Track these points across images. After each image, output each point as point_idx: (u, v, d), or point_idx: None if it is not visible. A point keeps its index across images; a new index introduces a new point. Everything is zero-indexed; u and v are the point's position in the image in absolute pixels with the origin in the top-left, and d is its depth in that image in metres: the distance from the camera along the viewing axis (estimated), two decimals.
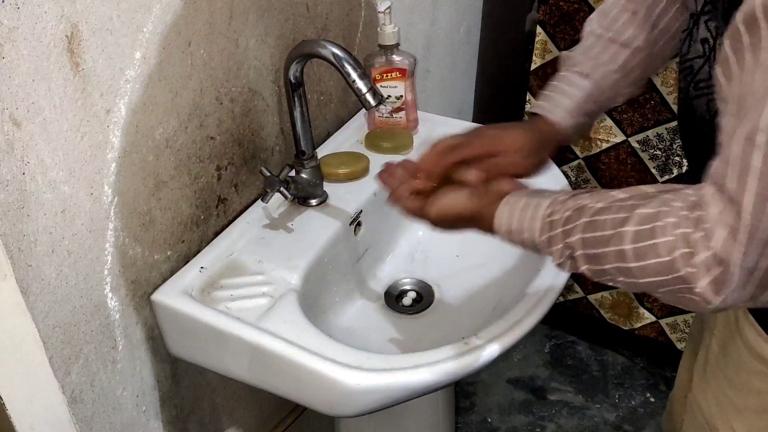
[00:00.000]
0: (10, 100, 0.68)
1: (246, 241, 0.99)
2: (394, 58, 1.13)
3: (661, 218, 0.57)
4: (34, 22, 0.68)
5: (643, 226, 0.58)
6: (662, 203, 0.58)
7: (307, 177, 1.02)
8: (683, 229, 0.56)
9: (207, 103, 0.93)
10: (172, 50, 0.85)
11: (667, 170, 1.52)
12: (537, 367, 1.85)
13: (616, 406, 1.75)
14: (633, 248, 0.59)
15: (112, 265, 0.86)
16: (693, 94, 0.72)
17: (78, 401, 0.87)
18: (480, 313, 1.02)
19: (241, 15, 0.94)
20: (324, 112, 1.19)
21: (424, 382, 0.81)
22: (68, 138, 0.75)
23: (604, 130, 1.55)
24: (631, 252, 0.59)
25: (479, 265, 1.11)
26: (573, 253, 0.65)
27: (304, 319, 0.87)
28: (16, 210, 0.71)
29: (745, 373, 0.77)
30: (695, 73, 0.71)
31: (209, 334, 0.88)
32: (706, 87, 0.70)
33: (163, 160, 0.88)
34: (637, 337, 1.77)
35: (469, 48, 1.66)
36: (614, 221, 0.61)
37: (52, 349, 0.80)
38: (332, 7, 1.12)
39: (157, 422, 1.01)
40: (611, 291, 1.74)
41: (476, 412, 1.75)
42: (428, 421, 1.26)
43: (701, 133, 0.73)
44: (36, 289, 0.77)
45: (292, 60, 0.92)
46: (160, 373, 0.99)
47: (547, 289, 0.92)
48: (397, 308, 1.08)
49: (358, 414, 0.85)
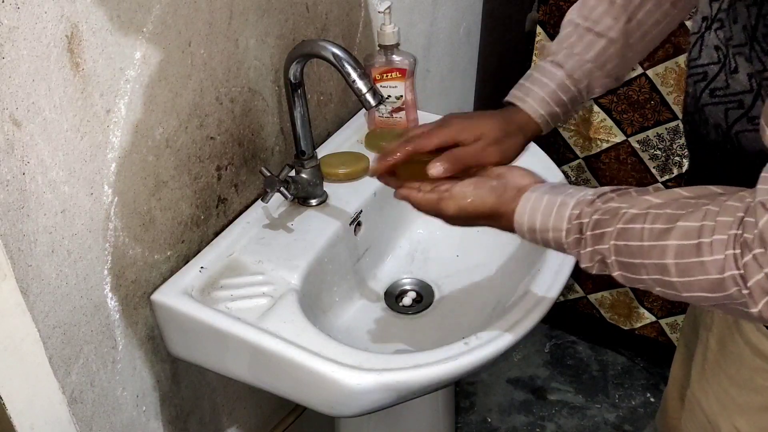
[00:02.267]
0: (10, 100, 0.68)
1: (246, 241, 0.99)
2: (394, 58, 1.13)
3: (706, 234, 0.56)
4: (34, 22, 0.68)
5: (688, 241, 0.57)
6: (705, 216, 0.57)
7: (307, 177, 1.02)
8: (733, 250, 0.55)
9: (207, 103, 0.93)
10: (172, 50, 0.85)
11: (667, 170, 1.52)
12: (537, 367, 1.85)
13: (616, 406, 1.75)
14: (676, 263, 0.58)
15: (112, 265, 0.86)
16: (707, 101, 0.71)
17: (78, 401, 0.87)
18: (480, 313, 1.02)
19: (241, 15, 0.94)
20: (324, 112, 1.19)
21: (423, 382, 0.81)
22: (68, 138, 0.75)
23: (604, 130, 1.55)
24: (673, 267, 0.58)
25: (479, 265, 1.11)
26: (605, 259, 0.64)
27: (304, 319, 0.87)
28: (16, 210, 0.71)
29: (747, 371, 0.77)
30: (710, 81, 0.71)
31: (209, 334, 0.88)
32: (723, 96, 0.69)
33: (163, 160, 0.88)
34: (637, 337, 1.77)
35: (469, 48, 1.66)
36: (653, 232, 0.60)
37: (52, 349, 0.80)
38: (332, 7, 1.12)
39: (157, 422, 1.01)
40: (611, 291, 1.74)
41: (476, 412, 1.75)
42: (428, 421, 1.26)
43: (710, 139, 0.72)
44: (36, 289, 0.77)
45: (292, 60, 0.92)
46: (160, 373, 0.99)
47: (547, 289, 0.92)
48: (397, 308, 1.08)
49: (358, 414, 0.85)
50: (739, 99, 0.67)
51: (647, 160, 1.53)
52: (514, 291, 0.99)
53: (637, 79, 1.44)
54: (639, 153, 1.53)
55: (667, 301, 1.66)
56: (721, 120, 0.70)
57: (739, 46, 0.65)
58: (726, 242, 0.55)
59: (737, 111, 0.68)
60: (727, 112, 0.69)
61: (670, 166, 1.51)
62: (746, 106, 0.67)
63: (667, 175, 1.53)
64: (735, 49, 0.66)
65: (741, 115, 0.68)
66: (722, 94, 0.69)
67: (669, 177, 1.52)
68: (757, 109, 0.66)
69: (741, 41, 0.65)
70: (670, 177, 1.52)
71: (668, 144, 1.49)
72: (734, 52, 0.66)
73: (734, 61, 0.67)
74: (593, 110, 1.53)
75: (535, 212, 0.69)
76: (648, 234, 0.60)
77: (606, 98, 1.50)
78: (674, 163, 1.50)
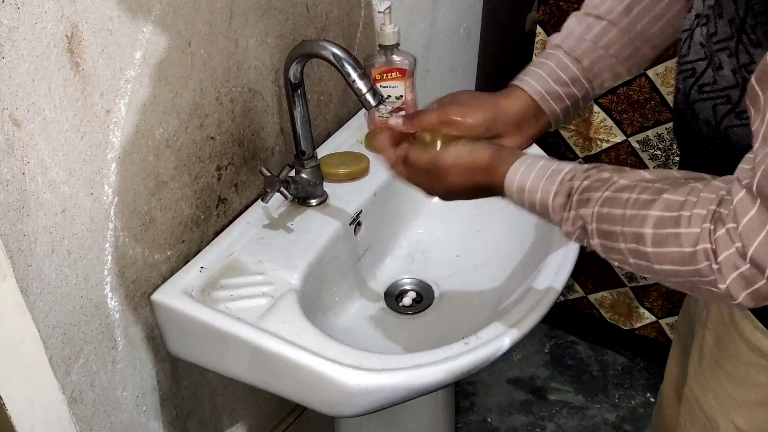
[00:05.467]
0: (10, 100, 0.68)
1: (246, 241, 0.99)
2: (394, 58, 1.13)
3: (688, 208, 0.57)
4: (34, 22, 0.68)
5: (669, 213, 0.58)
6: (691, 192, 0.57)
7: (307, 177, 1.02)
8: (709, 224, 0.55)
9: (207, 103, 0.93)
10: (172, 50, 0.85)
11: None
12: (537, 367, 1.85)
13: (616, 406, 1.75)
14: (653, 233, 0.58)
15: (112, 265, 0.86)
16: (696, 98, 0.72)
17: (78, 401, 0.87)
18: (480, 313, 1.02)
19: (241, 15, 0.94)
20: (324, 112, 1.19)
21: (423, 382, 0.81)
22: (68, 138, 0.75)
23: (604, 130, 1.55)
24: (650, 236, 0.59)
25: (479, 265, 1.11)
26: (586, 225, 0.64)
27: (304, 319, 0.87)
28: (16, 210, 0.71)
29: (744, 367, 0.77)
30: (698, 77, 0.71)
31: (209, 334, 0.88)
32: (711, 91, 0.69)
33: (163, 160, 0.88)
34: (637, 337, 1.77)
35: (469, 48, 1.66)
36: (637, 201, 0.60)
37: (52, 349, 0.80)
38: (332, 7, 1.12)
39: (157, 422, 1.01)
40: (611, 291, 1.74)
41: (476, 412, 1.75)
42: (428, 421, 1.26)
43: (702, 135, 0.72)
44: (36, 289, 0.77)
45: (292, 60, 0.92)
46: (160, 373, 0.99)
47: (547, 289, 0.92)
48: (397, 308, 1.08)
49: (358, 414, 0.85)
50: (727, 94, 0.68)
51: (647, 160, 1.53)
52: (514, 291, 1.00)
53: (637, 79, 1.44)
54: (639, 153, 1.53)
55: (667, 301, 1.66)
56: (710, 116, 0.70)
57: (723, 41, 0.65)
58: (704, 216, 0.56)
59: (725, 106, 0.68)
60: (716, 108, 0.69)
61: (670, 166, 1.51)
62: (734, 101, 0.67)
63: None
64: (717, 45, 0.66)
65: (729, 111, 0.68)
66: (710, 90, 0.70)
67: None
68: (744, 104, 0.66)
69: (726, 35, 0.65)
70: None
71: (668, 144, 1.49)
72: (717, 48, 0.66)
73: (717, 58, 0.67)
74: (593, 110, 1.53)
75: (528, 172, 0.69)
76: (633, 203, 0.60)
77: (606, 98, 1.50)
78: (674, 163, 1.50)
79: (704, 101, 0.71)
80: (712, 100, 0.70)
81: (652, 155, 1.52)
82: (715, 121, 0.70)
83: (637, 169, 0.65)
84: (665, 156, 1.50)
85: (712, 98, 0.70)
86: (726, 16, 0.64)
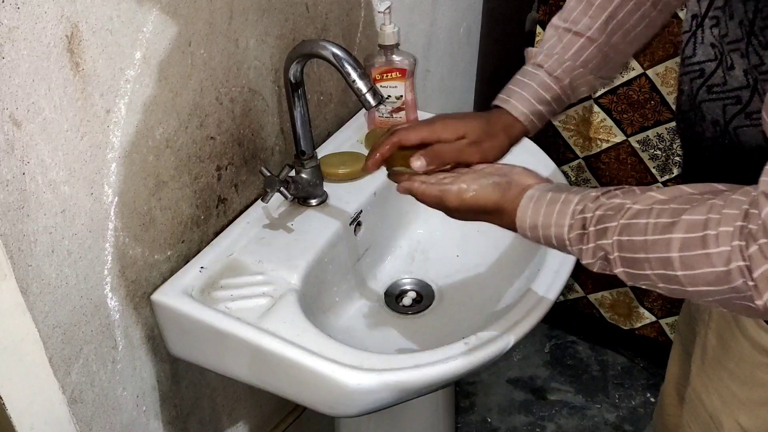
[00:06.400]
0: (10, 100, 0.68)
1: (246, 241, 0.99)
2: (394, 58, 1.13)
3: (712, 226, 0.56)
4: (34, 22, 0.68)
5: (693, 234, 0.57)
6: (711, 209, 0.57)
7: (307, 177, 1.02)
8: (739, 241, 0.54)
9: (207, 103, 0.93)
10: (172, 50, 0.85)
11: (667, 170, 1.52)
12: (537, 367, 1.85)
13: (616, 406, 1.76)
14: (680, 256, 0.58)
15: (112, 265, 0.86)
16: (704, 98, 0.72)
17: (78, 401, 0.87)
18: (480, 313, 1.02)
19: (241, 15, 0.94)
20: (324, 112, 1.19)
21: (424, 382, 0.81)
22: (68, 138, 0.75)
23: (604, 130, 1.55)
24: (678, 260, 0.58)
25: (479, 265, 1.11)
26: (608, 255, 0.63)
27: (304, 319, 0.87)
28: (16, 210, 0.71)
29: (748, 366, 0.77)
30: (707, 77, 0.71)
31: (209, 334, 0.88)
32: (721, 92, 0.69)
33: (163, 160, 0.88)
34: (637, 337, 1.77)
35: (469, 48, 1.66)
36: (657, 226, 0.59)
37: (52, 349, 0.80)
38: (332, 7, 1.12)
39: (157, 422, 1.01)
40: (611, 291, 1.74)
41: (476, 412, 1.76)
42: (428, 421, 1.26)
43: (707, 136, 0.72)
44: (36, 289, 0.77)
45: (292, 60, 0.92)
46: (160, 373, 0.99)
47: (547, 289, 0.92)
48: (397, 308, 1.08)
49: (358, 414, 0.85)
50: (737, 95, 0.67)
51: (647, 160, 1.53)
52: (515, 291, 1.00)
53: (637, 79, 1.44)
54: (639, 153, 1.53)
55: (667, 301, 1.66)
56: (719, 116, 0.70)
57: (735, 42, 0.65)
58: (732, 234, 0.55)
59: (735, 107, 0.68)
60: (725, 108, 0.69)
61: (670, 166, 1.51)
62: (744, 102, 0.67)
63: (667, 175, 1.53)
64: (729, 45, 0.66)
65: (739, 111, 0.68)
66: (720, 91, 0.69)
67: (669, 177, 1.53)
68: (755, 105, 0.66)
69: (737, 37, 0.65)
70: (670, 177, 1.52)
71: (668, 144, 1.49)
72: (729, 48, 0.67)
73: (730, 58, 0.67)
74: (593, 110, 1.53)
75: (538, 209, 0.69)
76: (652, 228, 0.60)
77: (606, 98, 1.50)
78: (674, 163, 1.50)
79: (713, 102, 0.70)
80: (721, 100, 0.69)
81: (652, 155, 1.52)
82: (724, 122, 0.69)
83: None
84: (665, 156, 1.50)
85: (721, 99, 0.69)
86: (736, 18, 0.64)
